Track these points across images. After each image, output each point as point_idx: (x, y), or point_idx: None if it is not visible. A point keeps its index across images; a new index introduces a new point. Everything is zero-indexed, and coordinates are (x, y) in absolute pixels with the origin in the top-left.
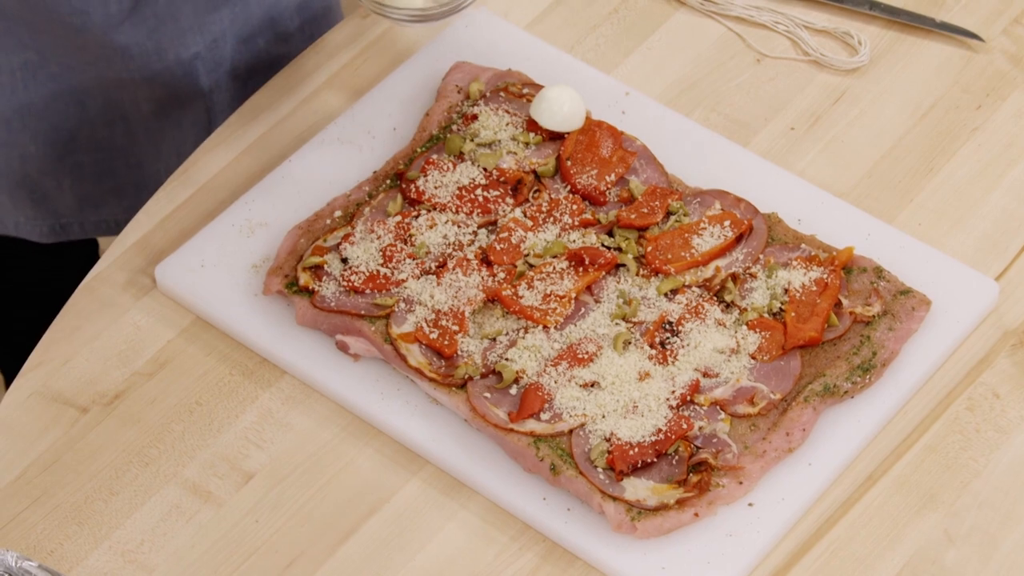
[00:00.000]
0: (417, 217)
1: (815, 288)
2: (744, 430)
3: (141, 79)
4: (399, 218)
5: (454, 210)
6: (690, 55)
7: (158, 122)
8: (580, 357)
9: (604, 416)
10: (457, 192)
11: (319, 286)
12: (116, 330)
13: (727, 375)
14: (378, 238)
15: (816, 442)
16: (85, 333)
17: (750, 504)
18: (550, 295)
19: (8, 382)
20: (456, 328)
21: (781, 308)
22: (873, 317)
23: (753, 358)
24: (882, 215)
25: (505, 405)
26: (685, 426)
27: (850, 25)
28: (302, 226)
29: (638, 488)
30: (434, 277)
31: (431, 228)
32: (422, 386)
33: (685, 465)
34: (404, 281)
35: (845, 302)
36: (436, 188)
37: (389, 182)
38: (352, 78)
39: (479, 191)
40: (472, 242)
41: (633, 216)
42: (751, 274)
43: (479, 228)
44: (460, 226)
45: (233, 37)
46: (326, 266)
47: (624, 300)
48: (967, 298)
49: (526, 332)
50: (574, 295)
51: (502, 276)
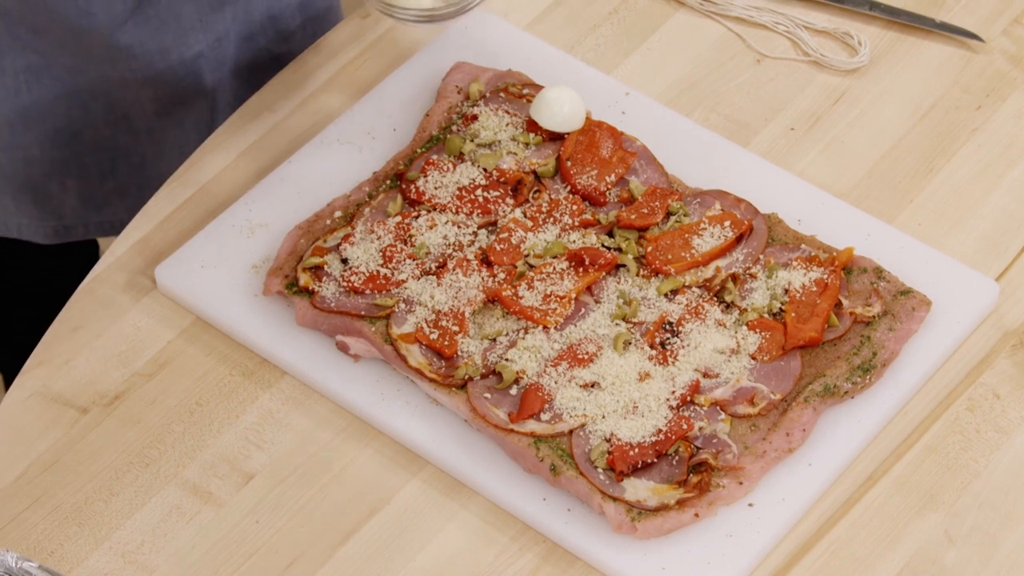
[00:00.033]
0: (417, 218)
1: (815, 288)
2: (744, 430)
3: (144, 79)
4: (399, 219)
5: (454, 211)
6: (690, 55)
7: (160, 121)
8: (580, 357)
9: (604, 416)
10: (457, 193)
11: (319, 287)
12: (116, 331)
13: (727, 375)
14: (378, 239)
15: (816, 442)
16: (85, 334)
17: (750, 504)
18: (550, 295)
19: (8, 382)
20: (456, 329)
21: (781, 308)
22: (873, 317)
23: (753, 358)
24: (882, 215)
25: (505, 406)
26: (685, 426)
27: (850, 25)
28: (302, 227)
29: (638, 488)
30: (434, 278)
31: (431, 229)
32: (422, 387)
33: (685, 465)
34: (404, 282)
35: (845, 302)
36: (436, 189)
37: (389, 183)
38: (352, 78)
39: (479, 192)
40: (472, 243)
41: (633, 216)
42: (751, 274)
43: (479, 229)
44: (460, 227)
45: (236, 36)
46: (326, 267)
47: (624, 300)
48: (967, 298)
49: (526, 332)
50: (574, 295)
51: (502, 277)
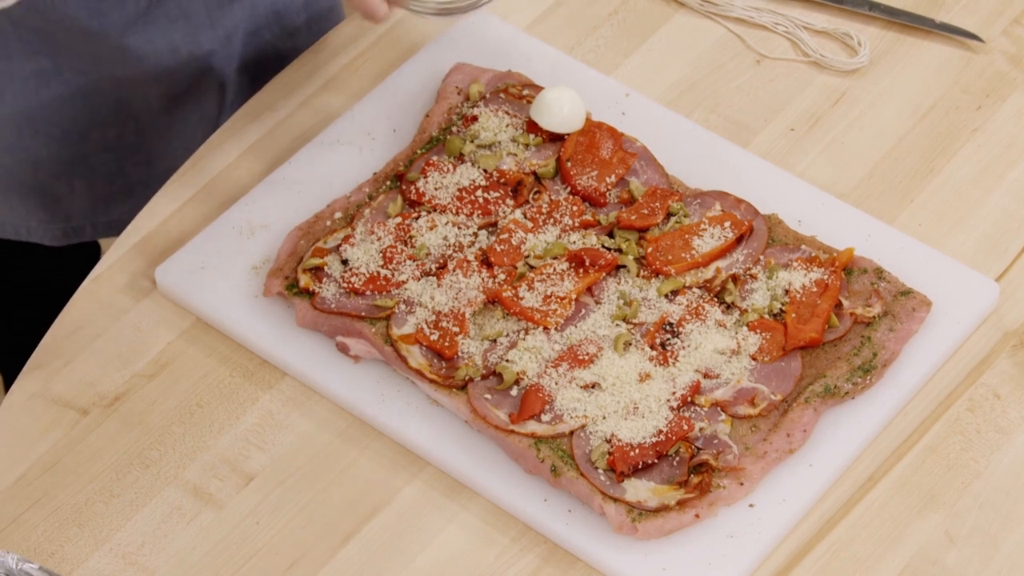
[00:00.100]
0: (417, 218)
1: (816, 289)
2: (745, 431)
3: (153, 77)
4: (399, 219)
5: (454, 211)
6: (690, 56)
7: (167, 118)
8: (581, 358)
9: (605, 417)
10: (457, 193)
11: (319, 288)
12: (117, 332)
13: (728, 376)
14: (378, 239)
15: (817, 443)
16: (86, 335)
17: (751, 505)
18: (550, 296)
19: (8, 383)
20: (457, 329)
21: (782, 309)
22: (874, 318)
23: (754, 359)
24: (882, 216)
25: (506, 406)
26: (686, 427)
27: (850, 26)
28: (302, 228)
29: (639, 489)
30: (434, 279)
31: (431, 229)
32: (423, 388)
33: (686, 466)
34: (404, 283)
35: (846, 303)
36: (436, 189)
37: (389, 183)
38: (352, 79)
39: (479, 192)
40: (472, 243)
41: (633, 217)
42: (751, 275)
43: (479, 229)
44: (460, 227)
45: (243, 31)
46: (326, 268)
47: (624, 301)
48: (967, 299)
49: (527, 333)
50: (574, 296)
51: (502, 277)
